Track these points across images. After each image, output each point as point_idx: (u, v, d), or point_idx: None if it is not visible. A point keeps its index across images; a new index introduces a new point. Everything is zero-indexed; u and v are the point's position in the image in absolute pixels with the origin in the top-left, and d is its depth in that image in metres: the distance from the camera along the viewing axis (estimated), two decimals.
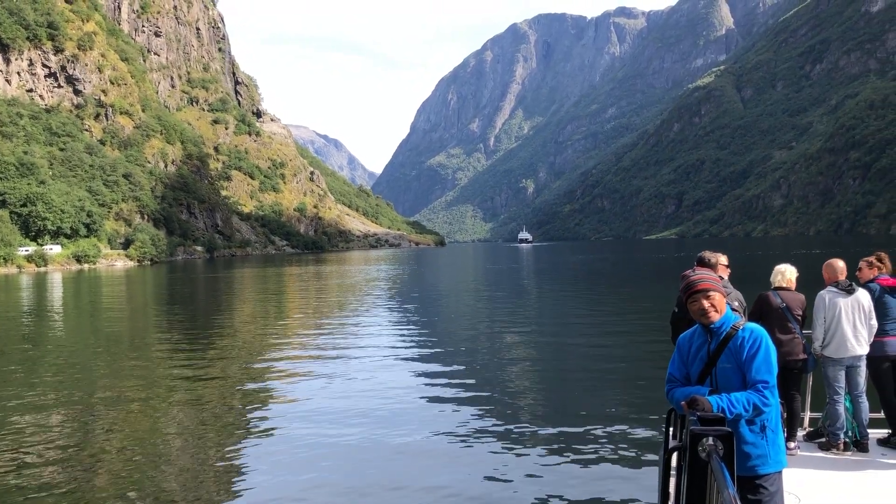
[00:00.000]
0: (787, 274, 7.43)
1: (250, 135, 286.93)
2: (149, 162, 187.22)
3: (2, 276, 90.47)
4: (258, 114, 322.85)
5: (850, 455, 6.90)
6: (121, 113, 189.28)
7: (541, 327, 24.57)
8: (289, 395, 13.50)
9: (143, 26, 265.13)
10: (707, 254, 6.58)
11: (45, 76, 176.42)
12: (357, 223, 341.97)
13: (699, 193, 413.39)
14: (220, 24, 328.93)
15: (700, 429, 3.18)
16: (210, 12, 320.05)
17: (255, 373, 16.18)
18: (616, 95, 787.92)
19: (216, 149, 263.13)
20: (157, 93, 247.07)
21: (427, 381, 14.64)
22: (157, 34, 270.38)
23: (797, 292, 7.37)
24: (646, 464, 8.79)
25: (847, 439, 7.03)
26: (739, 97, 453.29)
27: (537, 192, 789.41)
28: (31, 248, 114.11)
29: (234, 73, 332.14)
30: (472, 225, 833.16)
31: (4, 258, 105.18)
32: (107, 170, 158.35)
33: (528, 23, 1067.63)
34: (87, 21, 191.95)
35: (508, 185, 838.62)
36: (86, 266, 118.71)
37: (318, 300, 39.09)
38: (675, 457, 3.64)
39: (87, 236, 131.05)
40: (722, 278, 6.10)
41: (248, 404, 12.88)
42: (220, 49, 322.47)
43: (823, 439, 7.13)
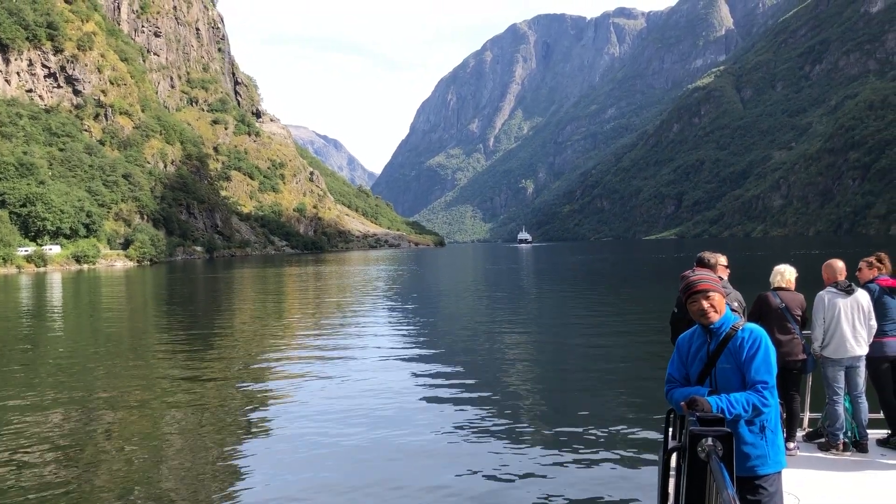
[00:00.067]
0: (786, 274, 7.44)
1: (250, 135, 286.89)
2: (148, 162, 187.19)
3: (1, 276, 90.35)
4: (258, 114, 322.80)
5: (849, 455, 6.90)
6: (120, 113, 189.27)
7: (541, 327, 24.57)
8: (289, 395, 13.49)
9: (143, 26, 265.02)
10: (706, 254, 6.58)
11: (45, 76, 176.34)
12: (356, 223, 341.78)
13: (699, 194, 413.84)
14: (219, 25, 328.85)
15: (699, 429, 3.18)
16: (210, 12, 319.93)
17: (255, 373, 16.18)
18: (616, 96, 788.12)
19: (216, 149, 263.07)
20: (157, 93, 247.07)
21: (427, 381, 14.65)
22: (156, 34, 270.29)
23: (796, 293, 7.37)
24: (645, 464, 8.80)
25: (846, 440, 7.03)
26: (739, 98, 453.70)
27: (537, 192, 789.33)
28: (31, 249, 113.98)
29: (233, 74, 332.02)
30: (472, 225, 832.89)
31: (4, 258, 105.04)
32: (106, 170, 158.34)
33: (528, 23, 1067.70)
34: (87, 21, 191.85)
35: (508, 185, 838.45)
36: (85, 266, 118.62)
37: (317, 300, 39.06)
38: (674, 457, 3.64)
39: (86, 237, 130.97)
40: (721, 279, 6.09)
41: (248, 404, 12.88)
42: (219, 49, 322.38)
43: (823, 440, 7.13)
